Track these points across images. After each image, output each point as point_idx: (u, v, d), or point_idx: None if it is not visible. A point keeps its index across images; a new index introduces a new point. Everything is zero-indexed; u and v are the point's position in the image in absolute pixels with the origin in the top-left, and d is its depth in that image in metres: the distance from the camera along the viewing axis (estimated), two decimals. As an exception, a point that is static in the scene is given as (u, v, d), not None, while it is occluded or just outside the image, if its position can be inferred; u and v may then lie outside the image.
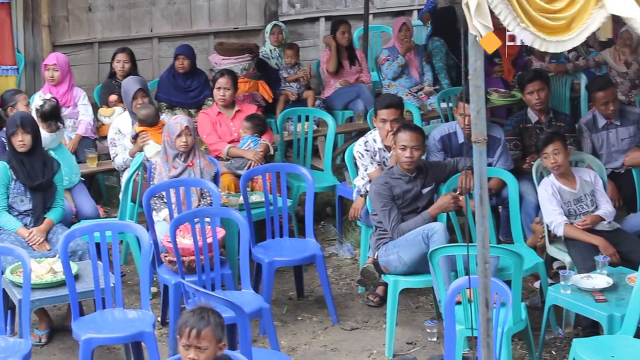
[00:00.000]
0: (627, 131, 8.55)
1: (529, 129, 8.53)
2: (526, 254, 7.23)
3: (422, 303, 7.86)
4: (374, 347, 7.22)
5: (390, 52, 11.03)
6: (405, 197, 7.28)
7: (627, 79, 10.50)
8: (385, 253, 7.12)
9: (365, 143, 8.00)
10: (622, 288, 6.54)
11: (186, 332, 4.74)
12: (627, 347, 5.92)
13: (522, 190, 7.91)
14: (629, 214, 7.99)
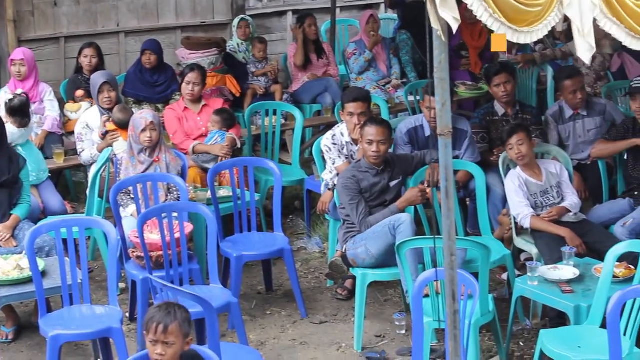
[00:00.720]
0: (594, 122, 8.61)
1: (496, 121, 8.56)
2: (493, 246, 7.26)
3: (391, 296, 7.88)
4: (342, 340, 7.23)
5: (358, 45, 11.03)
6: (373, 190, 7.28)
7: (592, 70, 10.55)
8: (353, 246, 7.12)
9: (332, 137, 8.00)
10: (589, 279, 6.58)
11: (153, 328, 4.73)
12: (594, 337, 5.96)
13: (489, 182, 7.94)
14: (595, 205, 8.03)
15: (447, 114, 4.48)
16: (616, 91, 10.15)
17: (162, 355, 4.72)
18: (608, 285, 6.16)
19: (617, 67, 10.88)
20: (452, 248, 4.67)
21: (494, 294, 7.50)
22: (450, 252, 4.67)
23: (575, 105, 8.56)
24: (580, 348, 5.88)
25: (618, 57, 10.84)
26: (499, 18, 4.47)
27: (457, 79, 11.03)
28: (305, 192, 9.09)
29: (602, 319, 5.98)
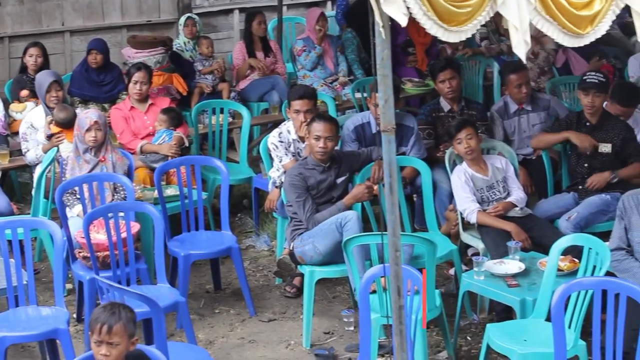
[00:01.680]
0: (538, 117, 8.70)
1: (442, 117, 8.62)
2: (440, 241, 7.31)
3: (339, 293, 7.89)
4: (291, 337, 7.24)
5: (306, 42, 11.03)
6: (320, 187, 7.29)
7: (536, 64, 10.65)
8: (300, 244, 7.13)
9: (279, 134, 8.00)
10: (534, 273, 6.64)
11: (97, 328, 4.71)
12: (539, 331, 6.01)
13: (435, 178, 7.99)
14: (540, 200, 8.10)
15: (390, 111, 4.49)
16: (560, 86, 10.24)
17: (106, 356, 4.69)
18: (553, 278, 6.22)
19: (561, 62, 10.99)
20: (397, 244, 4.69)
21: (442, 289, 7.55)
22: (395, 247, 4.68)
23: (520, 99, 8.64)
24: (526, 341, 5.93)
25: (563, 52, 10.95)
26: (432, 17, 4.51)
27: (404, 75, 11.08)
28: (253, 190, 9.08)
29: (547, 312, 6.02)
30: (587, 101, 7.82)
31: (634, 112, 8.33)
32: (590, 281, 5.66)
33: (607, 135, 7.81)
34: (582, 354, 5.86)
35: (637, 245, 6.22)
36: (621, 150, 7.78)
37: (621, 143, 7.78)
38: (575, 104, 9.82)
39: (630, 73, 10.57)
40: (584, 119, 7.92)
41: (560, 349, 5.46)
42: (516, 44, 4.93)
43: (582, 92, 7.88)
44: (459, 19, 4.77)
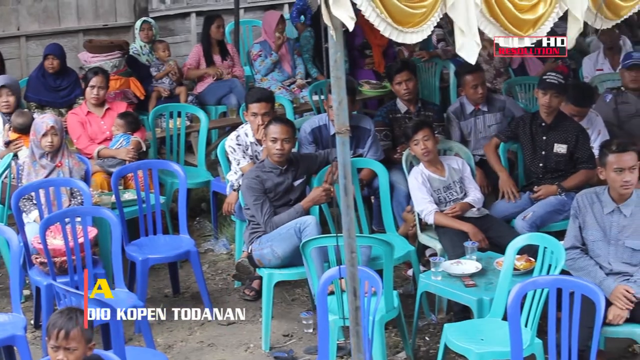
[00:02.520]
0: (494, 117, 8.75)
1: (399, 119, 8.65)
2: (398, 242, 7.35)
3: (298, 295, 7.90)
4: (250, 340, 7.24)
5: (262, 46, 11.02)
6: (277, 190, 7.30)
7: (492, 66, 10.72)
8: (258, 247, 7.13)
9: (236, 137, 8.00)
10: (491, 272, 6.69)
11: (54, 334, 4.70)
12: (496, 330, 6.05)
13: (393, 180, 8.01)
14: (497, 200, 8.15)
15: (344, 112, 4.51)
16: (516, 87, 10.32)
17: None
18: (509, 278, 6.26)
19: (517, 64, 11.07)
20: (352, 245, 4.71)
21: (400, 290, 7.60)
22: (351, 249, 4.70)
23: (476, 100, 8.69)
24: (483, 340, 5.97)
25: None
26: (386, 19, 4.56)
27: (361, 77, 11.13)
28: (212, 194, 9.07)
29: (504, 311, 6.06)
30: (544, 101, 7.87)
31: (588, 113, 8.42)
32: (545, 280, 5.71)
33: (562, 136, 7.87)
34: (538, 353, 5.90)
35: (591, 243, 6.28)
36: (575, 151, 7.84)
37: (575, 144, 7.84)
38: (530, 104, 9.90)
39: (585, 73, 10.68)
40: (539, 119, 7.98)
41: (517, 347, 5.50)
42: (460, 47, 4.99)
43: (540, 91, 7.92)
44: (415, 20, 4.82)
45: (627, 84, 8.83)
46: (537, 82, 8.41)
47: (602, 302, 5.44)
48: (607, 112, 8.73)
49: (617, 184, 6.17)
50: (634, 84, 8.78)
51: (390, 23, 4.66)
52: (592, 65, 10.70)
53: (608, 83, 9.90)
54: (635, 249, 6.18)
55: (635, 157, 6.18)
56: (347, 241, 4.70)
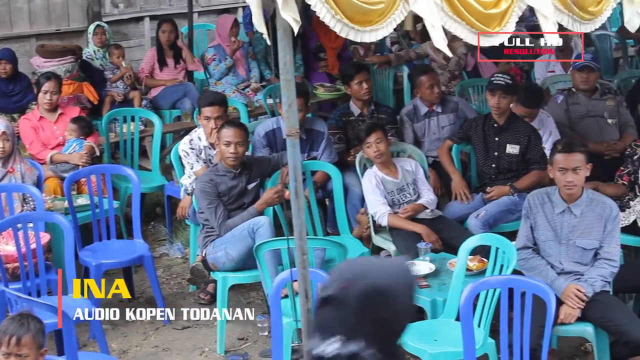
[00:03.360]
0: (447, 119, 8.80)
1: (352, 121, 8.68)
2: (352, 244, 7.38)
3: (253, 298, 7.90)
4: (205, 344, 7.23)
5: (216, 50, 11.00)
6: (231, 193, 7.29)
7: (447, 70, 10.77)
8: (213, 250, 7.12)
9: (190, 141, 7.99)
10: (444, 273, 6.72)
11: (5, 340, 4.67)
12: (449, 330, 6.09)
13: (347, 182, 8.04)
14: (450, 201, 8.19)
15: (293, 115, 4.52)
16: (469, 89, 10.39)
17: (15, 367, 4.66)
18: (462, 278, 6.30)
19: (471, 66, 11.15)
20: (304, 247, 4.72)
21: (355, 292, 7.59)
22: (302, 251, 4.71)
23: (433, 100, 8.74)
24: (437, 341, 6.01)
25: (472, 56, 11.09)
26: (342, 19, 4.55)
27: (316, 80, 11.16)
28: (166, 198, 9.04)
29: (457, 311, 6.10)
30: (493, 102, 7.93)
31: (539, 113, 8.49)
32: (497, 280, 5.76)
33: (514, 137, 7.92)
34: (491, 352, 5.94)
35: (542, 243, 6.33)
36: (527, 151, 7.90)
37: (527, 144, 7.90)
38: (483, 106, 9.96)
39: (537, 75, 10.77)
40: (492, 121, 8.03)
41: (469, 347, 5.54)
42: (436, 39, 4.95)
43: (489, 93, 7.98)
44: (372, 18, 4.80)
45: (578, 85, 8.91)
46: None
47: (552, 301, 5.49)
48: (558, 113, 8.81)
49: (560, 183, 6.25)
50: (585, 85, 8.86)
51: (345, 23, 4.65)
52: (544, 67, 10.79)
53: (560, 84, 10.00)
54: (586, 249, 6.25)
55: (581, 159, 6.24)
56: (298, 243, 4.71)
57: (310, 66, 11.53)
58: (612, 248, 6.24)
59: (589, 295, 6.11)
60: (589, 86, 8.88)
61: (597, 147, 8.41)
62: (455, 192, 8.01)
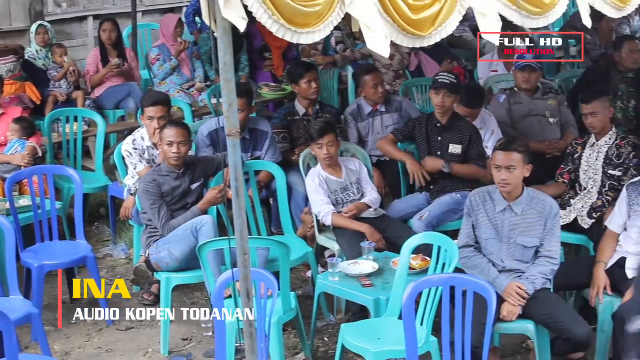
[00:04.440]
0: (391, 118, 8.83)
1: (297, 121, 8.69)
2: (296, 244, 7.38)
3: (198, 299, 7.88)
4: (149, 345, 7.20)
5: (161, 50, 10.94)
6: (174, 193, 7.27)
7: (392, 69, 10.83)
8: (156, 250, 7.10)
9: (133, 141, 7.95)
10: (388, 272, 6.74)
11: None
12: (392, 329, 6.11)
13: (291, 181, 8.05)
14: (394, 200, 8.23)
15: (234, 115, 4.52)
16: (413, 88, 10.44)
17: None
18: (405, 277, 6.33)
19: (415, 65, 11.21)
20: (245, 247, 4.72)
21: (299, 291, 7.64)
22: (243, 251, 4.70)
23: (377, 100, 8.77)
24: (380, 340, 6.02)
25: (415, 56, 11.17)
26: (279, 20, 4.57)
27: (261, 80, 11.15)
28: (110, 199, 8.98)
29: (400, 310, 6.11)
30: (437, 101, 7.97)
31: (482, 113, 8.56)
32: (439, 278, 5.79)
33: (457, 136, 7.98)
34: (433, 350, 5.98)
35: (484, 242, 6.38)
36: (467, 150, 7.96)
37: (468, 144, 7.96)
38: (427, 105, 10.02)
39: (480, 75, 10.85)
40: (435, 120, 8.08)
41: (412, 346, 5.57)
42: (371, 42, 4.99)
43: (433, 91, 8.02)
44: (310, 21, 4.83)
45: (520, 84, 8.99)
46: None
47: (493, 299, 5.53)
48: (501, 112, 8.89)
49: (495, 180, 6.31)
50: (527, 84, 8.94)
51: (283, 24, 4.67)
52: (487, 67, 10.88)
53: (502, 84, 10.08)
54: (527, 247, 6.30)
55: (517, 158, 6.29)
56: (239, 243, 4.71)
57: (255, 66, 11.52)
58: (553, 246, 6.31)
59: (530, 292, 6.17)
60: (531, 86, 8.96)
61: (539, 147, 8.49)
62: (413, 174, 7.99)
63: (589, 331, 6.05)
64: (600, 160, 7.49)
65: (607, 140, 7.53)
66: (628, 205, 6.67)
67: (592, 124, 7.53)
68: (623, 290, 6.40)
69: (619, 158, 7.42)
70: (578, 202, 7.48)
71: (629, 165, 7.37)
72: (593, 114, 7.51)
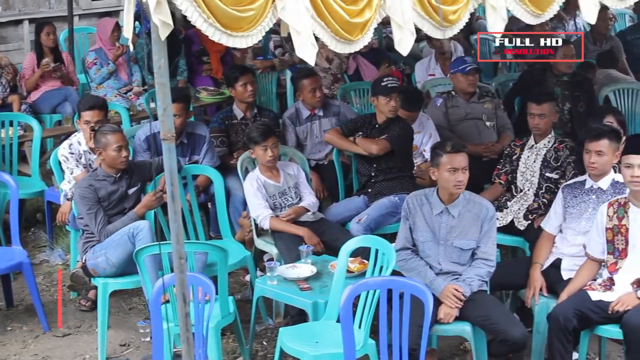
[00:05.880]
0: (329, 122, 8.84)
1: (235, 125, 8.67)
2: (234, 248, 7.37)
3: (135, 304, 7.83)
4: (86, 352, 7.14)
5: (97, 54, 10.86)
6: (111, 198, 7.21)
7: (330, 73, 10.85)
8: (93, 256, 7.04)
9: (69, 146, 7.89)
10: (326, 275, 6.75)
11: None
12: (330, 332, 6.10)
13: (229, 186, 8.04)
14: (332, 204, 8.24)
15: (169, 119, 4.50)
16: (351, 92, 10.47)
17: None
18: (342, 280, 6.34)
19: (353, 69, 11.23)
20: (181, 252, 4.70)
21: (238, 295, 7.62)
22: (179, 255, 4.68)
23: (314, 104, 8.78)
24: (318, 343, 6.01)
25: (353, 60, 11.19)
26: (214, 23, 4.57)
27: (199, 84, 11.11)
28: (46, 204, 8.89)
29: (337, 313, 6.13)
30: (391, 106, 7.93)
31: (419, 116, 8.61)
32: (376, 281, 5.81)
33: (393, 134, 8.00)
34: (371, 353, 5.98)
35: (421, 244, 6.41)
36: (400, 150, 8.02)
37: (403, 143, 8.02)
38: (365, 109, 10.05)
39: (417, 78, 10.92)
40: (374, 121, 8.11)
41: (349, 348, 5.58)
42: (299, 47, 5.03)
43: (383, 97, 7.95)
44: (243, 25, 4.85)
45: (465, 87, 8.99)
46: (370, 87, 8.52)
47: (430, 301, 5.56)
48: (438, 115, 8.94)
49: (450, 183, 6.31)
50: (472, 87, 8.99)
51: (217, 27, 4.68)
52: (424, 70, 10.95)
53: (439, 87, 10.14)
54: (463, 249, 6.35)
55: (467, 159, 6.35)
56: (175, 248, 4.69)
57: (193, 70, 11.48)
58: (489, 248, 6.36)
59: (467, 294, 6.22)
60: (475, 89, 9.04)
61: (475, 149, 8.55)
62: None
63: (524, 332, 6.10)
64: (538, 163, 7.57)
65: (545, 143, 7.60)
66: (563, 207, 6.75)
67: (538, 126, 7.59)
68: (558, 291, 6.46)
69: (557, 161, 7.50)
70: (514, 204, 7.55)
71: (566, 168, 7.45)
72: (541, 116, 7.57)
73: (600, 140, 6.61)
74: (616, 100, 10.00)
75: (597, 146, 6.61)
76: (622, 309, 6.04)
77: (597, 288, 6.25)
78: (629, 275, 6.18)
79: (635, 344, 5.94)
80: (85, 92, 11.11)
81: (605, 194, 6.65)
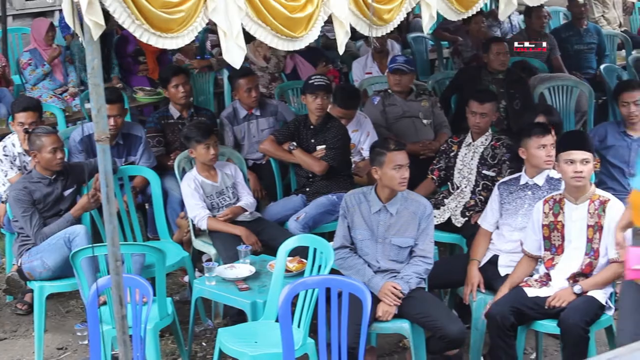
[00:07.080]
0: (267, 122, 8.83)
1: (172, 124, 8.62)
2: (172, 249, 7.33)
3: (73, 307, 7.77)
4: (23, 356, 7.08)
5: (32, 54, 10.74)
6: (47, 200, 7.14)
7: (267, 72, 10.84)
8: (28, 259, 6.96)
9: (4, 148, 7.81)
10: (264, 275, 6.73)
11: None
12: (269, 331, 6.10)
13: (167, 186, 7.99)
14: (270, 203, 8.23)
15: (102, 120, 4.46)
16: (289, 91, 10.46)
17: None
18: (281, 280, 6.33)
19: (290, 68, 11.22)
20: (117, 253, 4.65)
21: (176, 296, 7.58)
22: (115, 257, 4.64)
23: (250, 104, 8.76)
24: (257, 343, 6.00)
25: (291, 59, 11.19)
26: (142, 24, 4.54)
27: (136, 84, 11.03)
28: (-19, 207, 8.77)
29: (276, 313, 6.12)
30: (317, 104, 7.98)
31: (357, 115, 8.62)
32: (314, 280, 5.80)
33: (327, 137, 8.02)
34: (310, 352, 5.99)
35: (360, 242, 6.43)
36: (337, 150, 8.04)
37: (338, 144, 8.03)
38: (302, 108, 10.03)
39: (355, 77, 10.94)
40: (309, 122, 8.11)
41: (288, 348, 5.56)
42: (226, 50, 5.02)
43: (310, 95, 8.02)
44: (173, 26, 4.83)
45: (392, 87, 9.07)
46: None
47: (368, 299, 5.56)
48: (375, 114, 8.96)
49: (395, 181, 6.32)
50: (397, 87, 9.03)
51: (146, 29, 4.65)
52: (362, 69, 10.98)
53: (377, 86, 10.16)
54: (401, 247, 6.37)
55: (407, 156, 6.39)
56: (111, 250, 4.64)
57: (130, 70, 11.40)
58: (427, 245, 6.39)
59: (405, 292, 6.24)
60: (402, 88, 9.05)
61: (413, 147, 8.57)
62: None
63: (462, 328, 6.14)
64: (476, 160, 7.61)
65: (483, 141, 7.65)
66: (499, 203, 6.80)
67: (479, 124, 7.63)
68: (496, 288, 6.50)
69: (494, 159, 7.55)
70: (452, 202, 7.59)
71: (502, 166, 7.50)
72: (483, 115, 7.62)
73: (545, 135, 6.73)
74: (551, 97, 10.09)
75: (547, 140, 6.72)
76: (558, 304, 6.11)
77: (533, 284, 6.31)
78: (565, 271, 6.26)
79: (572, 340, 6.00)
80: (20, 93, 10.97)
81: (541, 189, 6.71)
